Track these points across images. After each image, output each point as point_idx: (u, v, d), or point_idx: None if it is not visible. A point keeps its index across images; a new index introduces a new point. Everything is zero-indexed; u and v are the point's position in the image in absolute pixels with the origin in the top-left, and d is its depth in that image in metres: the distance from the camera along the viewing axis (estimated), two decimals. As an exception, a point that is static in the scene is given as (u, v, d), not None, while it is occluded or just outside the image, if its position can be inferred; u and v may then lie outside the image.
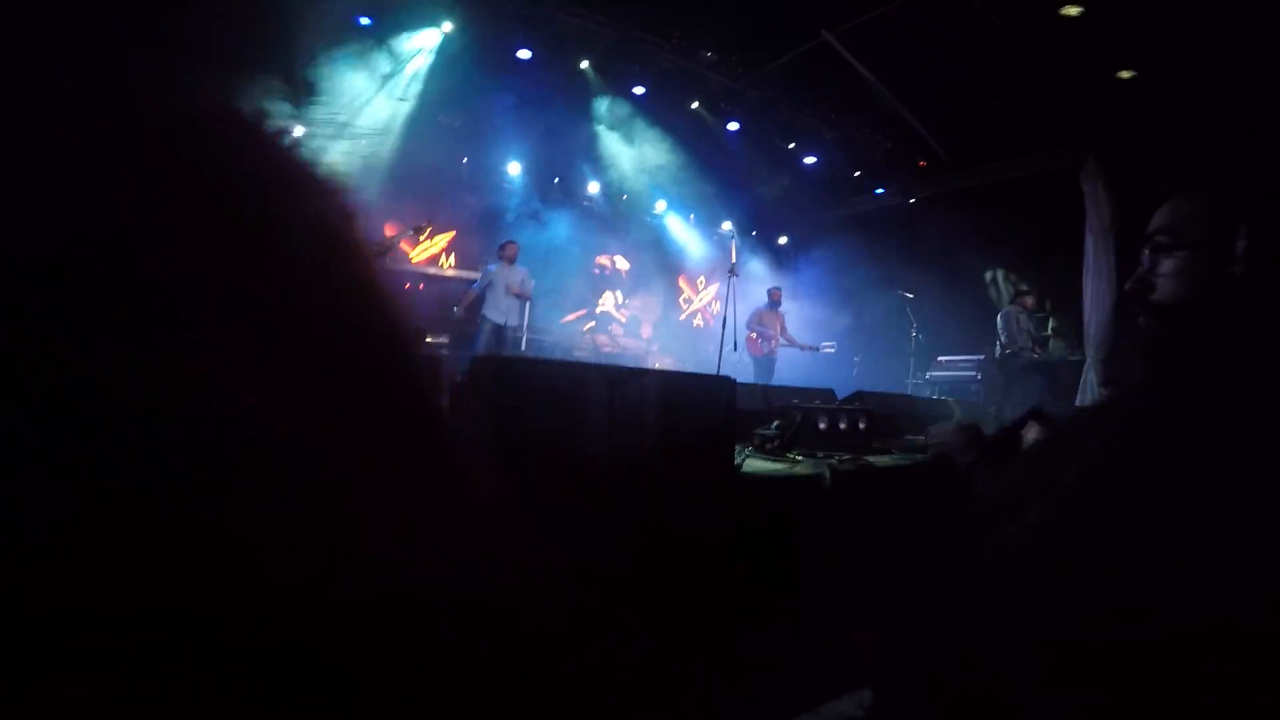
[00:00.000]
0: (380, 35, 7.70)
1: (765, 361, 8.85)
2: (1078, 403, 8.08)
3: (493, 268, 7.47)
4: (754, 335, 8.80)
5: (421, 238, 5.82)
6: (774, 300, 9.13)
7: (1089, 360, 8.91)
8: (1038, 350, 8.03)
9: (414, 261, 9.68)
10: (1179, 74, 7.30)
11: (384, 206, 7.57)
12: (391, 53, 7.88)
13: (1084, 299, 9.22)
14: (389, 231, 5.52)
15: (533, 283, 7.76)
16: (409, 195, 8.46)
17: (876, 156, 10.67)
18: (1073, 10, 6.77)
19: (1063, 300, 9.17)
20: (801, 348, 9.24)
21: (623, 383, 1.80)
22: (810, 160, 10.64)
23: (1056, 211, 9.03)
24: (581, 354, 10.07)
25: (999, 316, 8.00)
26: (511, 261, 7.42)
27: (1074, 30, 7.04)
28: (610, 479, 1.79)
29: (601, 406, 1.77)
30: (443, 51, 7.89)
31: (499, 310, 7.32)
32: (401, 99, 8.26)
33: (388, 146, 8.43)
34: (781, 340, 9.08)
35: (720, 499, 2.10)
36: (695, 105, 9.25)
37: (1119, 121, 8.38)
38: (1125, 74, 7.59)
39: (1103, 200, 9.01)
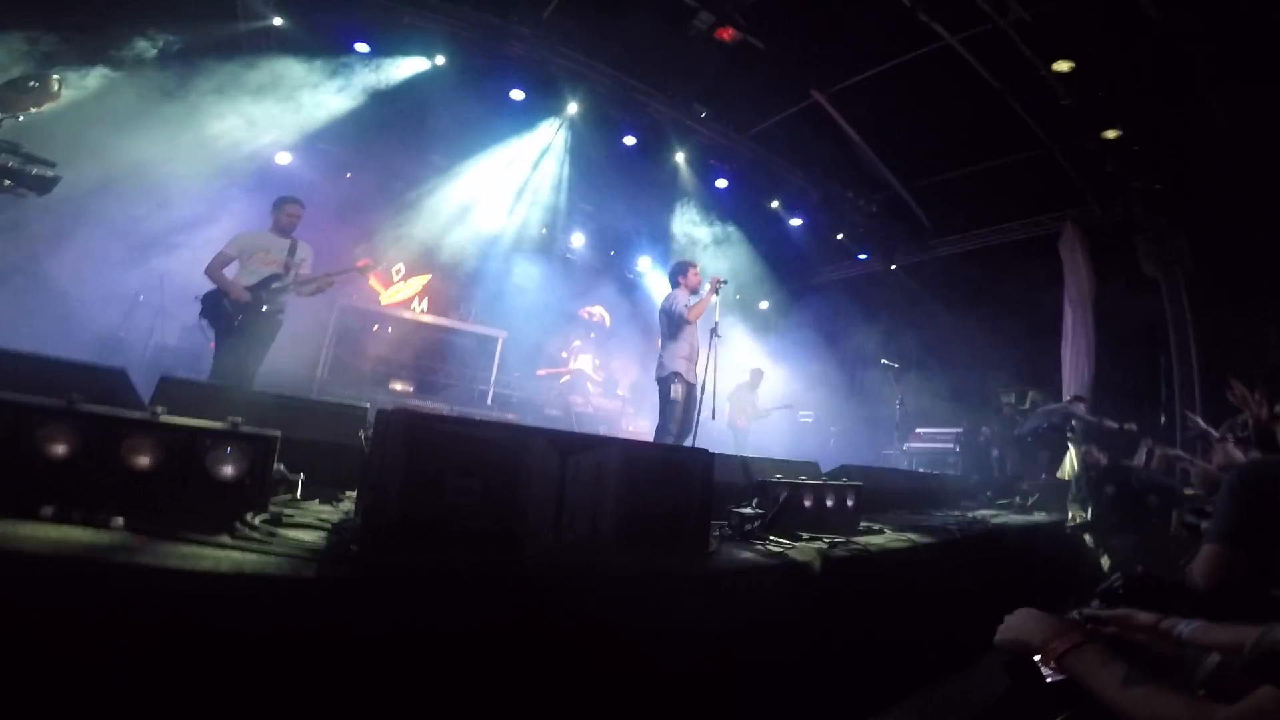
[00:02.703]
0: (373, 62, 7.54)
1: (742, 433, 8.66)
2: (1060, 475, 7.83)
3: (682, 299, 5.28)
4: (736, 412, 8.68)
5: (369, 275, 5.56)
6: (754, 380, 9.10)
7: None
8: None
9: (385, 304, 9.32)
10: (1164, 130, 7.27)
11: (362, 241, 7.26)
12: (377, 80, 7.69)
13: (1063, 370, 9.14)
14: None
15: None
16: (390, 231, 8.23)
17: (860, 221, 10.71)
18: (1064, 66, 6.71)
19: (1042, 372, 9.07)
20: (778, 409, 9.12)
21: (578, 452, 1.45)
22: (796, 222, 10.63)
23: (1035, 280, 9.01)
24: (553, 412, 9.65)
25: (1065, 409, 7.75)
26: (694, 291, 5.40)
27: (1063, 88, 7.00)
28: (555, 574, 1.41)
29: (549, 480, 1.41)
30: (432, 85, 7.72)
31: (693, 362, 5.25)
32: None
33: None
34: (759, 413, 8.93)
35: (692, 594, 1.72)
36: (680, 157, 9.21)
37: (1100, 185, 8.43)
38: (1111, 134, 7.47)
39: (1082, 269, 9.03)
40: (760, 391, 9.13)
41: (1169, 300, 8.48)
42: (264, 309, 4.67)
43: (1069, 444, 7.96)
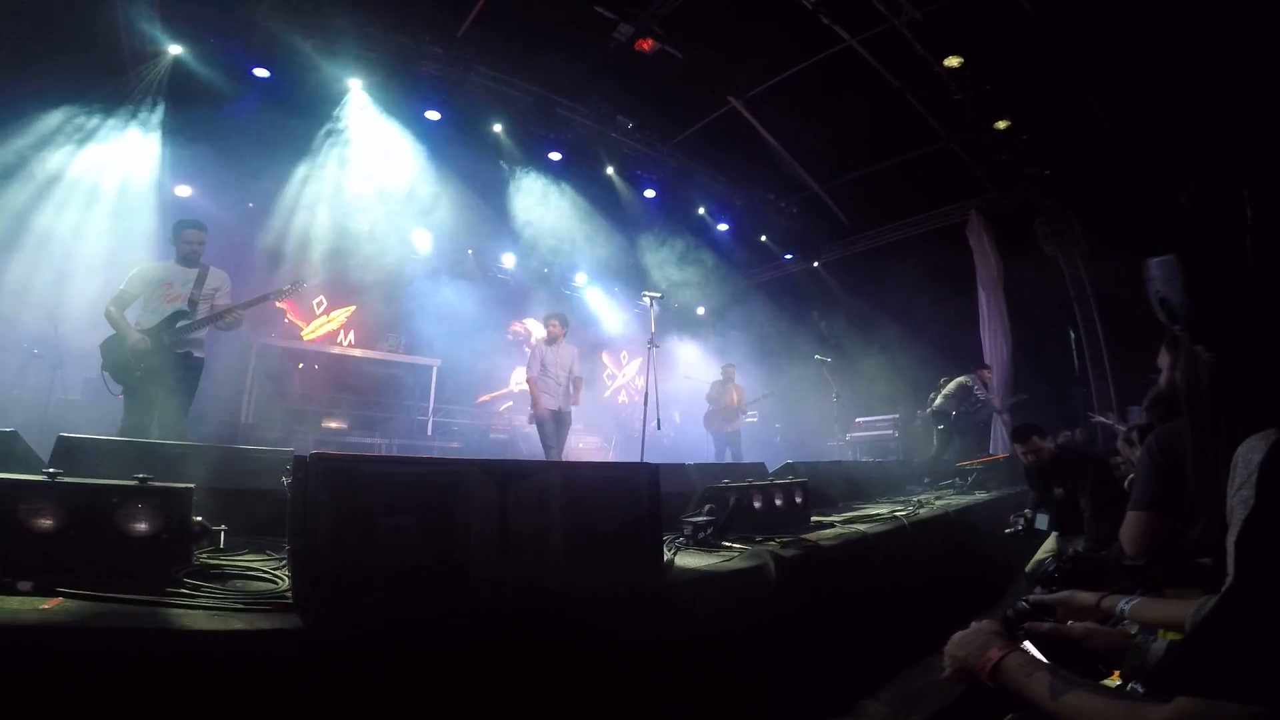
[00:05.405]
0: (280, 89, 7.25)
1: (727, 437, 8.61)
2: (992, 451, 8.14)
3: (542, 349, 6.72)
4: (714, 414, 8.65)
5: (282, 300, 5.26)
6: (727, 375, 9.03)
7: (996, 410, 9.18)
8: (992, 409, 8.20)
9: (307, 340, 8.92)
10: (1048, 119, 7.80)
11: (275, 275, 6.96)
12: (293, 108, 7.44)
13: (984, 351, 9.60)
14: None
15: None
16: (303, 264, 7.89)
17: (782, 222, 11.05)
18: (954, 61, 7.15)
19: (966, 354, 9.46)
20: (759, 399, 9.41)
21: (518, 480, 1.41)
22: (723, 228, 10.86)
23: (951, 267, 9.46)
24: (499, 436, 9.46)
25: (961, 384, 7.87)
26: (555, 341, 6.71)
27: (955, 83, 7.44)
28: (505, 603, 1.37)
29: (490, 512, 1.37)
30: (341, 108, 7.53)
31: (554, 395, 6.62)
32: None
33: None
34: (740, 409, 8.87)
35: (649, 610, 1.70)
36: (610, 170, 9.28)
37: (997, 174, 8.95)
38: (1001, 124, 7.96)
39: (989, 254, 9.57)
40: (738, 386, 9.05)
41: (1069, 278, 9.09)
42: (171, 352, 4.16)
43: (987, 422, 8.37)
